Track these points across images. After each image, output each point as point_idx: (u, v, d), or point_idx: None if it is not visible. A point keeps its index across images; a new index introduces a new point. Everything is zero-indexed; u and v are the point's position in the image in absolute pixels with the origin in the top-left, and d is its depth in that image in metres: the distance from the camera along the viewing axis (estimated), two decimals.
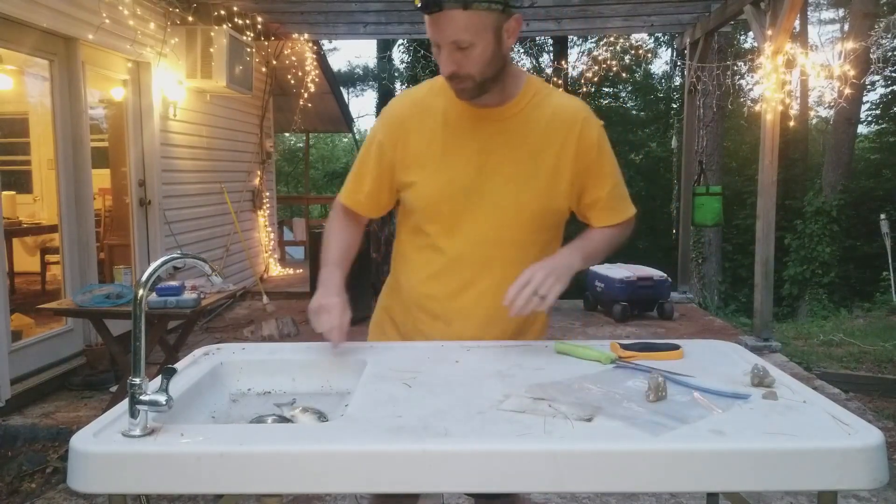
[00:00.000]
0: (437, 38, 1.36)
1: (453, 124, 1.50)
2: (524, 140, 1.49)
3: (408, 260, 1.61)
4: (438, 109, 1.51)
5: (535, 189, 1.49)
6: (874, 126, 14.78)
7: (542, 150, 1.49)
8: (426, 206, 1.53)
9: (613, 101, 17.67)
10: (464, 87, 1.41)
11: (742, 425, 1.07)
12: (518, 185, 1.49)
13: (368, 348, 1.51)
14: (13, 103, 6.57)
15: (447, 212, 1.51)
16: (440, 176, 1.50)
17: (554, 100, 1.52)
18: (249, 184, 7.43)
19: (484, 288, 1.52)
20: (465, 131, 1.49)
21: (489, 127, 1.49)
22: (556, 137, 1.49)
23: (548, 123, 1.49)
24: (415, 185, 1.52)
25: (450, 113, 1.50)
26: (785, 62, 4.93)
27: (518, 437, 1.03)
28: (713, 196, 6.58)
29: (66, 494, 2.95)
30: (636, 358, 1.41)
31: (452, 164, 1.49)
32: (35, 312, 4.25)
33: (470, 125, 1.49)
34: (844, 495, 2.79)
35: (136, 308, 1.07)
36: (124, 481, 1.00)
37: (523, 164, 1.49)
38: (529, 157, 1.49)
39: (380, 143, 1.55)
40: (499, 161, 1.49)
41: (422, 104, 1.53)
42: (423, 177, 1.51)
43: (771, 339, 5.10)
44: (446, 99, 1.50)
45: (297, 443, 1.03)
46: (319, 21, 6.76)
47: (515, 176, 1.49)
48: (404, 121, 1.53)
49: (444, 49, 1.36)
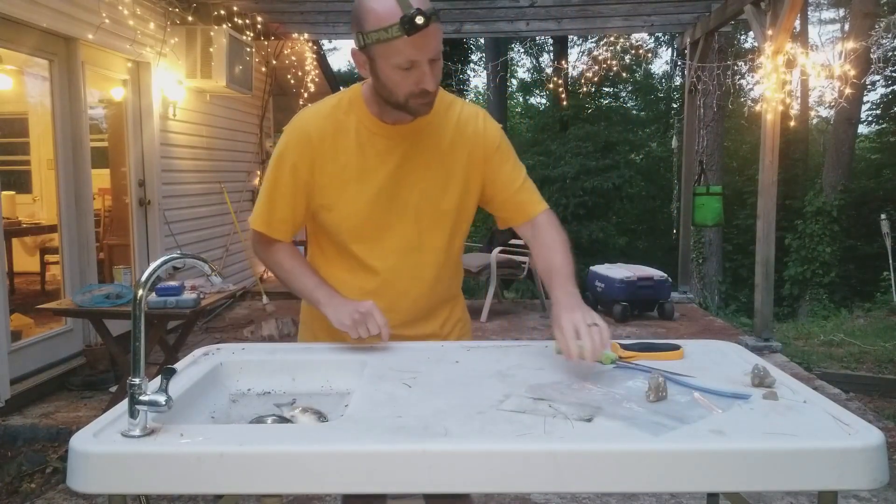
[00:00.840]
0: (420, 54, 1.35)
1: (366, 142, 1.50)
2: (436, 148, 1.53)
3: (342, 281, 1.58)
4: (351, 128, 1.50)
5: (452, 192, 1.55)
6: (875, 126, 14.78)
7: (451, 155, 1.54)
8: (351, 228, 1.53)
9: (614, 101, 17.70)
10: (430, 101, 1.43)
11: (742, 425, 1.07)
12: (436, 191, 1.54)
13: (368, 348, 1.51)
14: (13, 103, 6.56)
15: (372, 229, 1.53)
16: (361, 196, 1.51)
17: (456, 107, 1.57)
18: (249, 184, 7.43)
19: (417, 295, 1.58)
20: (380, 149, 1.50)
21: (403, 141, 1.51)
22: (463, 141, 1.55)
23: (454, 129, 1.54)
24: (335, 208, 1.52)
25: (361, 131, 1.50)
26: (785, 62, 4.93)
27: (518, 437, 1.03)
28: (713, 196, 6.58)
29: (65, 495, 2.95)
30: (637, 358, 1.41)
31: (371, 182, 1.50)
32: (35, 312, 4.25)
33: (383, 141, 1.50)
34: (844, 495, 2.79)
35: (136, 308, 1.07)
36: (124, 481, 1.00)
37: (437, 170, 1.53)
38: (442, 163, 1.54)
39: (293, 166, 1.50)
40: (414, 171, 1.52)
41: (334, 123, 1.50)
42: (343, 199, 1.51)
43: (771, 340, 5.10)
44: (357, 117, 1.50)
45: (296, 443, 1.03)
46: (319, 21, 6.76)
47: (432, 182, 1.53)
48: (318, 141, 1.49)
49: (423, 65, 1.36)
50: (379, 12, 1.33)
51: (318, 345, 1.57)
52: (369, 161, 1.50)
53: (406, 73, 1.37)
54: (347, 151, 1.50)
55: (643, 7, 6.42)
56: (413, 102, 1.41)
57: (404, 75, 1.37)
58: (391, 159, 1.50)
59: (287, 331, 5.47)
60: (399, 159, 1.51)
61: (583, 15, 6.68)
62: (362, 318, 1.43)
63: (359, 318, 1.43)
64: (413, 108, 1.42)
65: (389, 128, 1.50)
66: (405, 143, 1.51)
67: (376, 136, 1.50)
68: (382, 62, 1.37)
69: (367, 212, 1.51)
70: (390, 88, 1.40)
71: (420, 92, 1.39)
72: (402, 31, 1.31)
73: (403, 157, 1.51)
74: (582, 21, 7.00)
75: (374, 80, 1.42)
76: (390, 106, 1.44)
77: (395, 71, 1.37)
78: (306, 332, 1.72)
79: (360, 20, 1.37)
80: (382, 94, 1.43)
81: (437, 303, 1.64)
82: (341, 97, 1.54)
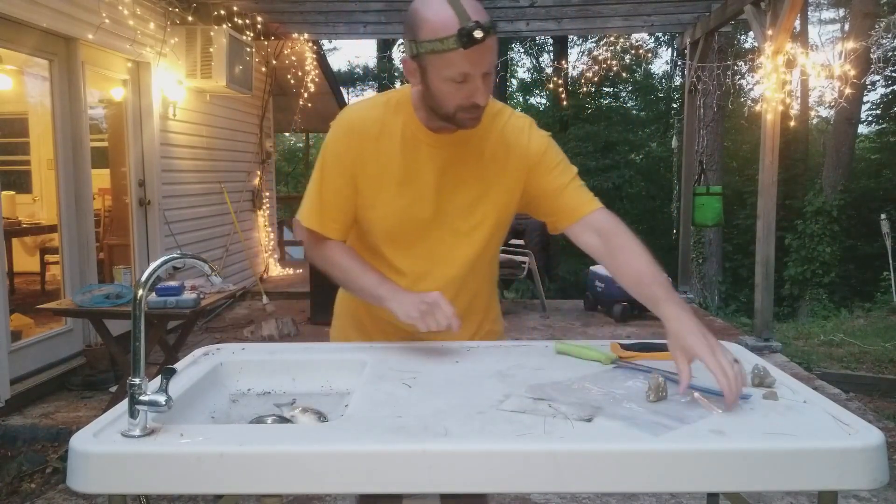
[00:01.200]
0: (475, 68, 1.31)
1: (410, 146, 1.47)
2: (478, 159, 1.49)
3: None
4: (396, 130, 1.47)
5: (489, 204, 1.51)
6: (875, 126, 14.77)
7: (493, 167, 1.50)
8: (385, 229, 1.51)
9: (613, 101, 17.67)
10: (478, 115, 1.39)
11: (742, 425, 1.07)
12: (474, 202, 1.50)
13: (368, 348, 1.51)
14: (13, 103, 6.56)
15: (405, 235, 1.51)
16: (399, 200, 1.48)
17: (503, 117, 1.52)
18: (249, 184, 7.43)
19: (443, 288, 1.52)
20: (422, 156, 1.47)
21: (445, 149, 1.48)
22: (506, 153, 1.50)
23: (497, 140, 1.50)
24: (373, 208, 1.50)
25: (407, 134, 1.47)
26: (785, 62, 4.93)
27: (518, 437, 1.03)
28: (713, 196, 6.58)
29: (65, 495, 2.95)
30: (637, 358, 1.41)
31: (411, 188, 1.48)
32: (34, 312, 4.25)
33: (426, 148, 1.47)
34: (844, 495, 2.79)
35: (136, 308, 1.07)
36: (124, 481, 1.00)
37: (477, 181, 1.49)
38: (482, 174, 1.50)
39: (340, 158, 1.48)
40: (455, 180, 1.49)
41: (381, 122, 1.47)
42: (382, 200, 1.48)
43: (771, 340, 5.10)
44: (403, 120, 1.47)
45: (296, 443, 1.03)
46: (319, 21, 6.76)
47: (471, 193, 1.50)
48: (363, 137, 1.47)
49: (476, 79, 1.32)
50: (435, 22, 1.28)
51: (318, 345, 1.57)
52: (411, 166, 1.47)
53: (458, 86, 1.33)
54: (390, 153, 1.47)
55: (643, 7, 6.42)
56: (461, 115, 1.37)
57: (456, 88, 1.33)
58: (433, 167, 1.47)
59: (287, 331, 5.47)
60: (440, 168, 1.47)
61: (583, 15, 6.68)
62: (429, 308, 1.37)
63: (426, 309, 1.38)
64: (460, 121, 1.39)
65: (434, 135, 1.46)
66: (447, 152, 1.47)
67: (421, 142, 1.47)
68: (434, 73, 1.33)
69: (402, 216, 1.48)
70: (440, 100, 1.36)
71: (470, 106, 1.35)
72: (459, 44, 1.26)
73: (445, 166, 1.48)
74: (582, 21, 7.00)
75: (424, 90, 1.38)
76: (437, 116, 1.41)
77: (447, 83, 1.33)
78: (341, 331, 1.69)
79: (413, 28, 1.32)
80: (431, 104, 1.39)
81: (466, 311, 1.56)
82: (389, 97, 1.51)
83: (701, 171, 6.91)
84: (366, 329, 1.64)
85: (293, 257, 10.00)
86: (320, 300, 5.89)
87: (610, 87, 16.95)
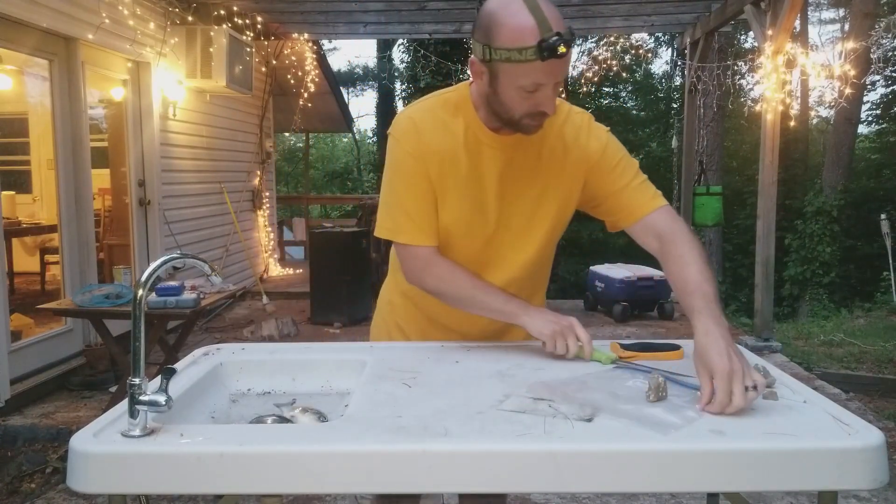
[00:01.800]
0: (551, 78, 1.28)
1: (473, 147, 1.44)
2: (536, 160, 1.46)
3: None
4: (459, 130, 1.44)
5: (548, 207, 1.48)
6: (874, 126, 14.78)
7: (551, 168, 1.47)
8: (450, 233, 1.47)
9: (614, 101, 17.69)
10: (542, 123, 1.37)
11: (742, 425, 1.07)
12: (534, 207, 1.48)
13: (368, 348, 1.51)
14: (13, 103, 6.56)
15: (469, 238, 1.48)
16: (464, 203, 1.45)
17: (561, 114, 1.48)
18: (249, 184, 7.43)
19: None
20: (484, 158, 1.44)
21: (506, 151, 1.45)
22: (565, 153, 1.47)
23: (556, 139, 1.47)
24: (441, 210, 1.47)
25: (469, 136, 1.44)
26: (785, 62, 4.93)
27: (518, 437, 1.03)
28: (713, 196, 6.58)
29: (65, 495, 2.95)
30: (636, 358, 1.41)
31: (474, 191, 1.45)
32: (34, 312, 4.25)
33: (488, 150, 1.44)
34: (844, 495, 2.79)
35: (136, 308, 1.07)
36: (124, 481, 1.00)
37: (536, 183, 1.47)
38: (541, 176, 1.47)
39: (414, 160, 1.43)
40: (514, 184, 1.46)
41: (443, 122, 1.44)
42: (448, 203, 1.45)
43: (771, 340, 5.10)
44: (465, 121, 1.44)
45: (297, 443, 1.03)
46: (319, 21, 6.76)
47: (530, 196, 1.47)
48: (430, 139, 1.43)
49: (548, 88, 1.30)
50: (514, 30, 1.24)
51: (318, 345, 1.57)
52: (474, 168, 1.44)
53: (529, 95, 1.29)
54: (455, 154, 1.43)
55: (643, 7, 6.42)
56: (526, 122, 1.35)
57: (526, 96, 1.30)
58: (494, 168, 1.44)
59: (287, 331, 5.47)
60: (501, 169, 1.45)
61: (583, 15, 6.68)
62: (563, 331, 1.38)
63: (559, 331, 1.38)
64: (525, 127, 1.36)
65: (495, 136, 1.43)
66: (508, 154, 1.44)
67: (482, 143, 1.44)
68: (507, 81, 1.29)
69: (468, 220, 1.46)
70: (508, 106, 1.33)
71: (538, 114, 1.33)
72: (538, 57, 1.23)
73: (505, 168, 1.45)
74: (582, 21, 6.99)
75: (491, 94, 1.34)
76: (500, 120, 1.38)
77: (519, 91, 1.29)
78: (383, 331, 1.68)
79: (489, 32, 1.27)
80: (497, 108, 1.36)
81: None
82: (447, 98, 1.47)
83: (701, 171, 6.91)
84: (404, 331, 1.65)
85: (293, 257, 10.00)
86: (320, 300, 5.90)
87: (610, 87, 16.97)
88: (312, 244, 6.19)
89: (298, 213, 12.96)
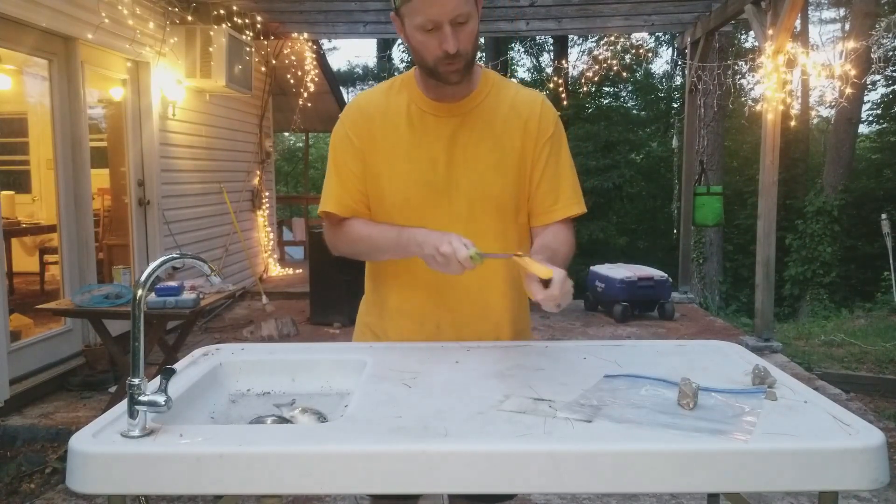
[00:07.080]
0: (440, 14, 1.35)
1: (417, 120, 1.50)
2: (488, 131, 1.51)
3: (391, 262, 1.56)
4: (402, 106, 1.51)
5: (505, 177, 1.51)
6: (875, 126, 14.76)
7: (505, 139, 1.51)
8: (398, 205, 1.50)
9: (614, 101, 17.67)
10: (458, 68, 1.41)
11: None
12: (488, 174, 1.50)
13: (368, 348, 1.51)
14: (12, 103, 6.57)
15: (419, 203, 1.50)
16: (408, 165, 1.49)
17: (511, 90, 1.55)
18: (249, 184, 7.43)
19: (468, 283, 1.48)
20: (429, 126, 1.50)
21: (452, 121, 1.50)
22: (518, 125, 1.51)
23: (508, 112, 1.52)
24: (385, 177, 1.51)
25: (413, 109, 1.51)
26: (786, 62, 4.93)
27: (518, 437, 1.03)
28: (714, 196, 6.58)
29: (65, 495, 2.94)
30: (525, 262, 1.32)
31: (419, 160, 1.49)
32: (34, 313, 4.25)
33: (433, 120, 1.50)
34: (845, 495, 2.78)
35: (135, 308, 1.07)
36: (123, 482, 1.00)
37: (489, 154, 1.50)
38: (494, 147, 1.50)
39: (349, 140, 1.52)
40: (465, 154, 1.49)
41: (385, 101, 1.53)
42: (393, 169, 1.50)
43: (772, 340, 5.10)
44: (408, 96, 1.52)
45: (296, 443, 1.03)
46: (319, 20, 6.76)
47: (484, 165, 1.50)
48: (369, 117, 1.52)
49: (444, 27, 1.36)
50: None
51: (318, 345, 1.56)
52: (419, 136, 1.50)
53: (429, 35, 1.37)
54: (398, 128, 1.50)
55: (643, 6, 6.42)
56: (442, 68, 1.40)
57: (428, 37, 1.38)
58: (442, 138, 1.49)
59: (287, 331, 5.47)
60: (449, 138, 1.49)
61: (583, 14, 6.68)
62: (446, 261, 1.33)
63: (443, 262, 1.34)
64: (443, 75, 1.41)
65: (439, 104, 1.50)
66: (455, 121, 1.50)
67: (426, 113, 1.50)
68: (409, 24, 1.39)
69: (414, 181, 1.49)
70: (420, 52, 1.41)
71: (444, 55, 1.38)
72: None
73: (454, 136, 1.49)
74: (582, 20, 7.00)
75: (408, 46, 1.44)
76: (424, 73, 1.46)
77: (419, 32, 1.38)
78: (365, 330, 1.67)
79: None
80: (416, 60, 1.44)
81: (491, 296, 1.56)
82: (393, 81, 1.56)
83: (701, 170, 6.91)
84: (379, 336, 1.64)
85: (293, 257, 10.00)
86: (320, 300, 5.89)
87: (610, 86, 16.94)
88: (312, 244, 6.18)
89: (298, 213, 12.97)
